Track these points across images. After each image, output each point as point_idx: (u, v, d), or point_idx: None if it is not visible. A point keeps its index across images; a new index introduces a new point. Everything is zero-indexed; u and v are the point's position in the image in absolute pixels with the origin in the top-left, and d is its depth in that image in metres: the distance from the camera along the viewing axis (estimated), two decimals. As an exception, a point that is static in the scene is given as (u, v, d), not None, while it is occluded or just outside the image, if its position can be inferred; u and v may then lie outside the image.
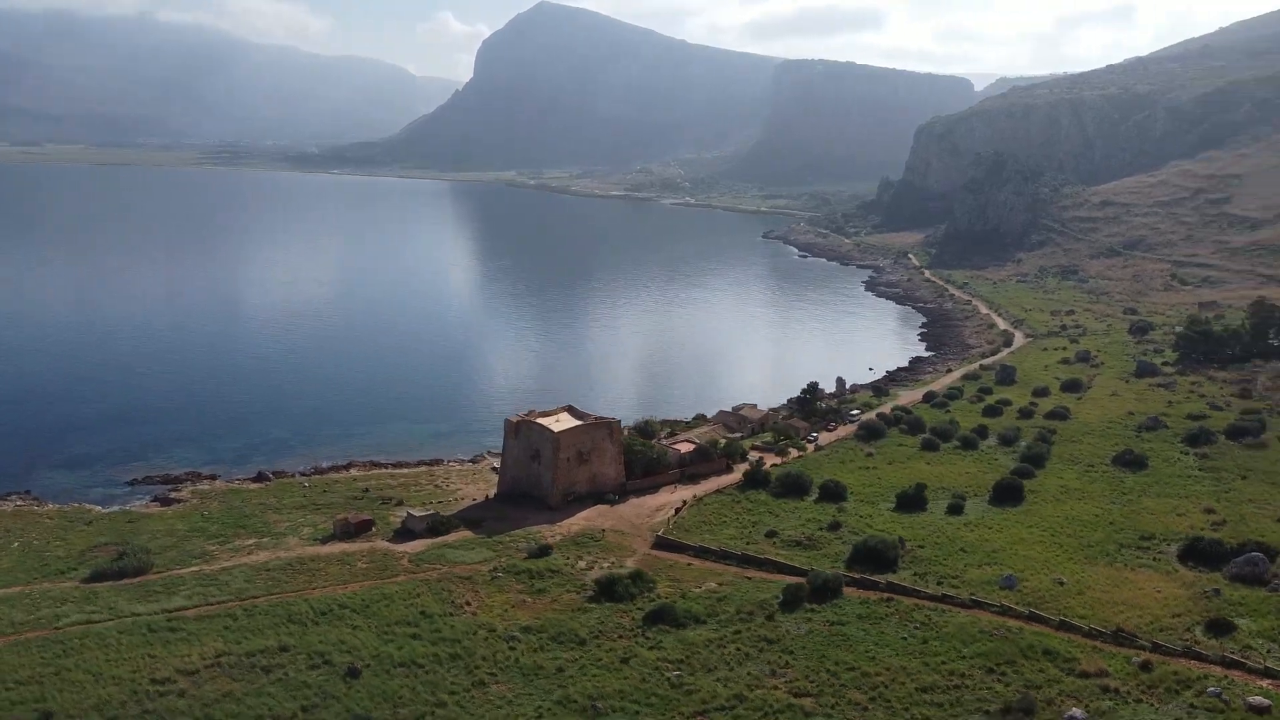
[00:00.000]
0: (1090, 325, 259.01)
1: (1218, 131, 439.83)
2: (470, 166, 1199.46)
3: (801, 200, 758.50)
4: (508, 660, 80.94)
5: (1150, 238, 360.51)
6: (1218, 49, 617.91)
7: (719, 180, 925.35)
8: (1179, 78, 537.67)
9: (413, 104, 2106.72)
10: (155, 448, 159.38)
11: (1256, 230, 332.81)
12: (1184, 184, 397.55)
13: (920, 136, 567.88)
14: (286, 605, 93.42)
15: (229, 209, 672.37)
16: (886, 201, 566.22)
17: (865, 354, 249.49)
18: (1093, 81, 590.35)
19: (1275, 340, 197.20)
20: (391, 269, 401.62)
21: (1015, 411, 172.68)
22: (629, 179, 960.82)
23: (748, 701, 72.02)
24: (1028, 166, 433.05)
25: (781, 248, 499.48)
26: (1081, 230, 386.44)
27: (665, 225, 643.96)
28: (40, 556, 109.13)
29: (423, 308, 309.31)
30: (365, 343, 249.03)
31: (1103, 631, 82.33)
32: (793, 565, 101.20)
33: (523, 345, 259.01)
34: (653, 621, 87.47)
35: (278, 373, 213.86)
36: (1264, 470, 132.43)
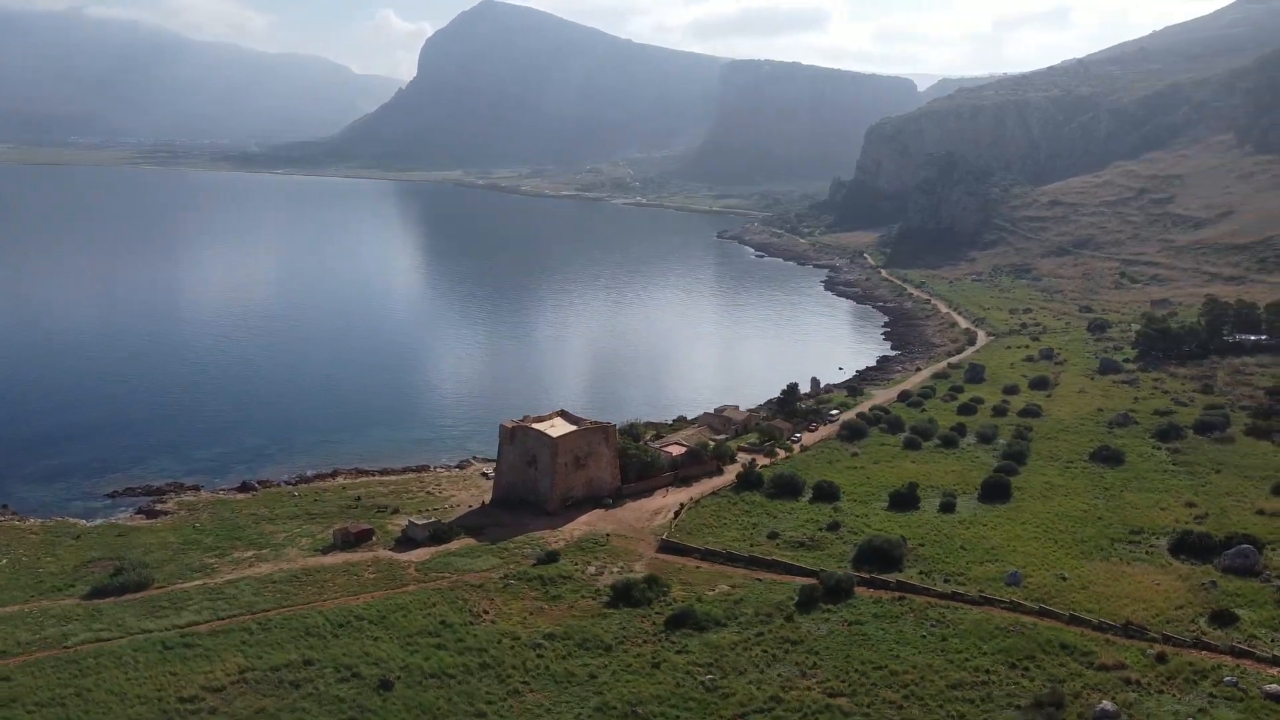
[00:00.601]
0: (1049, 323, 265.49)
1: (1159, 133, 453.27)
2: (416, 166, 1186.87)
3: (752, 200, 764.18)
4: (538, 668, 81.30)
5: (1098, 237, 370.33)
6: (1154, 52, 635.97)
7: (669, 180, 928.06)
8: (1119, 80, 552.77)
9: (354, 102, 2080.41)
10: (131, 459, 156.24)
11: (1200, 229, 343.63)
12: (1128, 184, 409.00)
13: (871, 137, 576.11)
14: (301, 618, 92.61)
15: (174, 210, 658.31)
16: (839, 201, 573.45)
17: (833, 354, 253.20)
18: (1036, 83, 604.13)
19: (1229, 337, 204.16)
20: (348, 272, 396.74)
21: (989, 410, 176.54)
22: (579, 179, 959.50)
23: (785, 703, 73.35)
24: (978, 167, 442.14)
25: (737, 248, 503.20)
26: (1032, 230, 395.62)
27: (620, 226, 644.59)
28: (33, 573, 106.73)
29: (385, 311, 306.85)
30: (329, 347, 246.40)
31: (1113, 625, 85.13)
32: (803, 567, 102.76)
33: (492, 349, 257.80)
34: (675, 625, 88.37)
35: (246, 380, 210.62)
36: (1235, 464, 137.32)
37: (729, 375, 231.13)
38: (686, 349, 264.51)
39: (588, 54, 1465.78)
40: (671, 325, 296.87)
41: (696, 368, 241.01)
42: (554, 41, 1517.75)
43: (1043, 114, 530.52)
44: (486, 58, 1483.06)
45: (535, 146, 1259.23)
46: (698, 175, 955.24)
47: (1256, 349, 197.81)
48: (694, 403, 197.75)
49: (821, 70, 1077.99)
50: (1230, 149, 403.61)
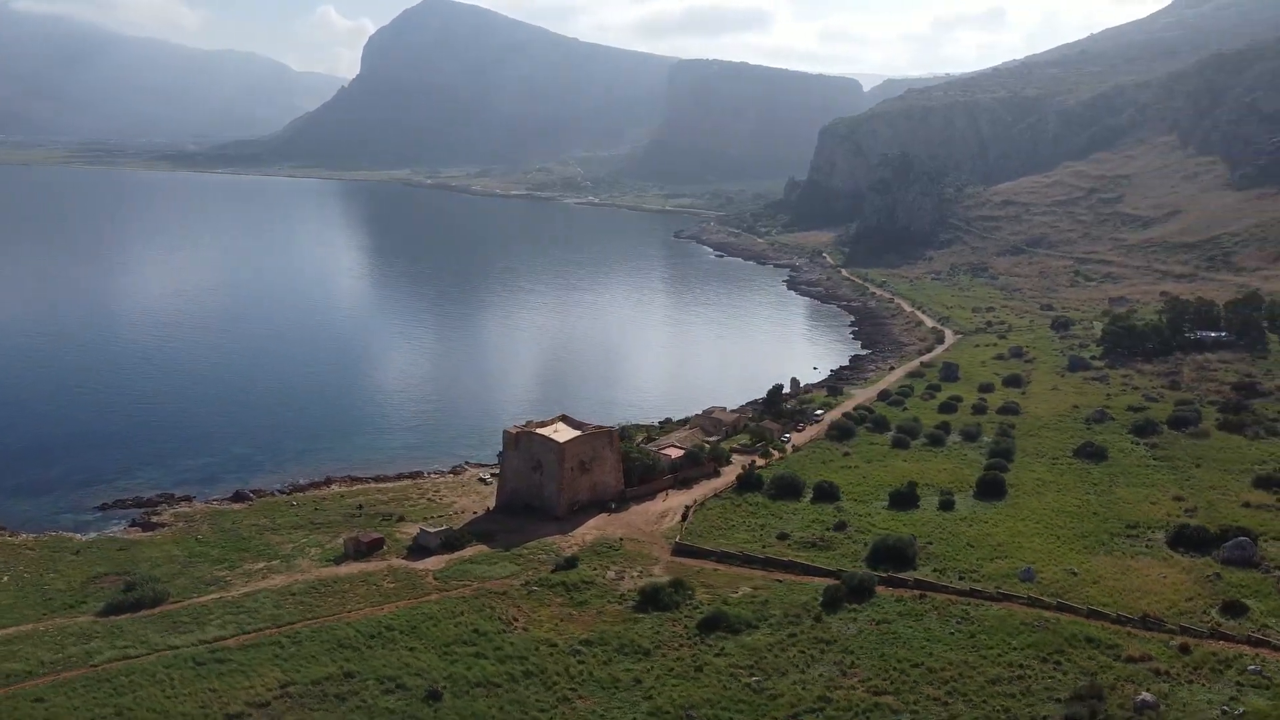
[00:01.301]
0: (1012, 322, 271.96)
1: (1105, 134, 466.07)
2: (362, 165, 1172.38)
3: (704, 199, 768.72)
4: (581, 674, 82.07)
5: (1051, 236, 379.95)
6: (1094, 55, 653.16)
7: (619, 179, 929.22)
8: (1064, 82, 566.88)
9: (294, 100, 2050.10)
10: (116, 470, 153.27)
11: (1149, 228, 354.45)
12: (1077, 184, 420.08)
13: (824, 137, 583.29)
14: (330, 630, 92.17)
15: (115, 210, 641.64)
16: (794, 201, 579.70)
17: (805, 354, 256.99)
18: (983, 85, 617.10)
19: (1190, 334, 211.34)
20: (311, 275, 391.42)
21: (969, 408, 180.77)
22: (529, 178, 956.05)
23: (834, 703, 75.07)
24: (933, 167, 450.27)
25: (696, 247, 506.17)
26: (986, 229, 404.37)
27: (576, 226, 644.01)
28: (39, 590, 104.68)
29: (355, 315, 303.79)
30: (301, 352, 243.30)
31: (1131, 618, 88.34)
32: (821, 567, 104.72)
33: (470, 353, 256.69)
34: (708, 628, 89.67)
35: (222, 387, 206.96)
36: (1214, 459, 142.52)
37: (706, 377, 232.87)
38: (660, 351, 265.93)
39: (534, 53, 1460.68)
40: (642, 327, 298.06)
41: (673, 369, 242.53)
42: (500, 40, 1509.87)
43: (991, 115, 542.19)
44: (431, 55, 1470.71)
45: (482, 145, 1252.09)
46: (647, 174, 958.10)
47: (1217, 345, 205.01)
48: (675, 405, 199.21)
49: (769, 70, 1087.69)
50: (1174, 150, 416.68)
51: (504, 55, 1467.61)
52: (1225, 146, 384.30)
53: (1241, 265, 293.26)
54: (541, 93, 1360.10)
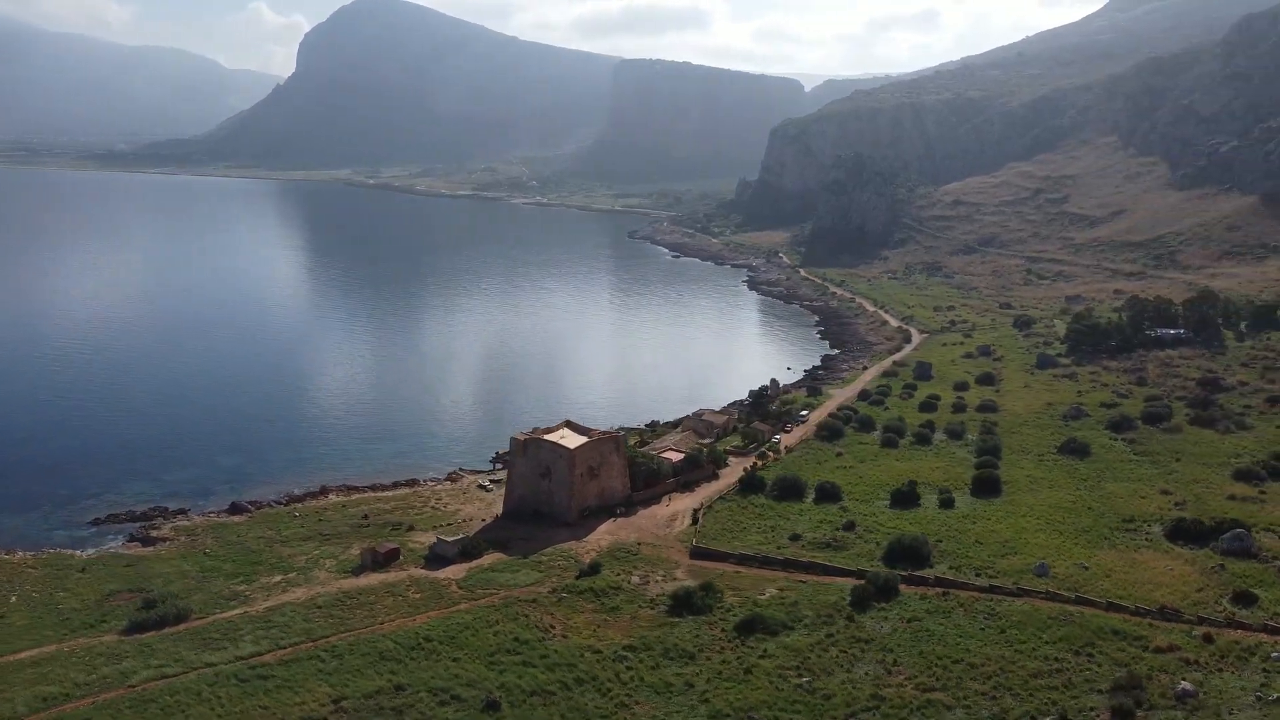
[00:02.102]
0: (975, 320, 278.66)
1: (1048, 135, 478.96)
2: (299, 164, 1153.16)
3: (652, 199, 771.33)
4: (633, 680, 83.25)
5: (1002, 235, 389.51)
6: (1031, 57, 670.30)
7: (565, 179, 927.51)
8: (1005, 84, 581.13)
9: (226, 98, 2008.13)
10: (103, 484, 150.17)
11: (1095, 227, 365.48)
12: (1024, 184, 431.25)
13: (774, 138, 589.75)
14: (368, 642, 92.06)
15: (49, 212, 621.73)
16: (746, 201, 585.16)
17: (777, 354, 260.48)
18: (926, 86, 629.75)
19: (1150, 332, 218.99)
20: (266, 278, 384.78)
21: (949, 406, 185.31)
22: (474, 178, 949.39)
23: (887, 701, 77.34)
24: (885, 168, 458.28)
25: (651, 248, 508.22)
26: (938, 229, 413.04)
27: (528, 226, 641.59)
28: (53, 610, 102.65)
29: (323, 321, 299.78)
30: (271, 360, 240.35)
31: (1149, 610, 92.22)
32: (842, 568, 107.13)
33: (441, 359, 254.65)
34: (746, 631, 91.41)
35: (198, 396, 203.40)
36: (1191, 453, 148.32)
37: (683, 379, 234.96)
38: (633, 354, 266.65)
39: (475, 51, 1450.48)
40: (611, 330, 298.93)
41: (648, 372, 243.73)
42: (439, 38, 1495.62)
43: (937, 116, 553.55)
44: (369, 53, 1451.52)
45: (424, 145, 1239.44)
46: (593, 174, 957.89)
47: (1176, 342, 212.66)
48: (656, 407, 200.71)
49: (712, 70, 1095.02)
50: (1116, 150, 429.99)
51: (444, 53, 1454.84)
52: (1165, 148, 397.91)
53: (1187, 263, 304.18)
54: (483, 92, 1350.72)
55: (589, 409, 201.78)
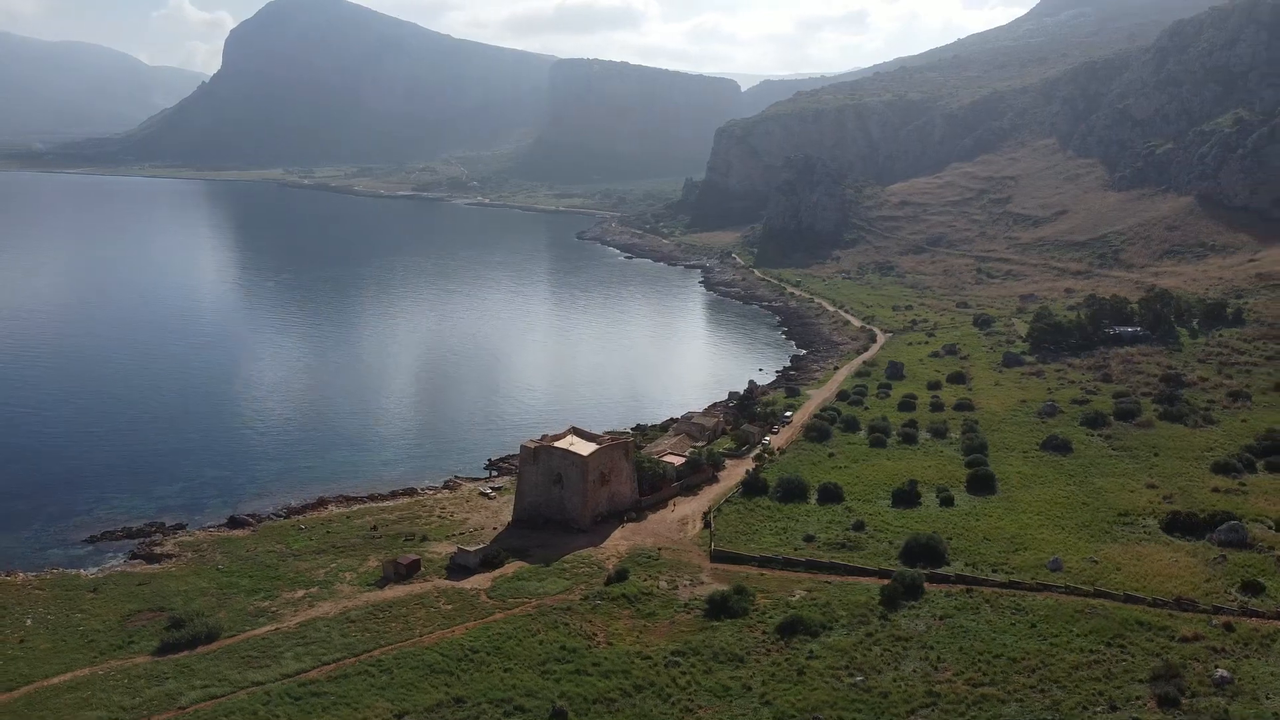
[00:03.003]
0: (934, 319, 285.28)
1: (989, 136, 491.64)
2: (229, 164, 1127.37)
3: (595, 199, 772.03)
4: (689, 684, 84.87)
5: (950, 235, 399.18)
6: (966, 60, 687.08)
7: (506, 179, 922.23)
8: (944, 86, 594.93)
9: (147, 96, 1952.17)
10: (90, 500, 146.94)
11: (1039, 227, 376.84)
12: (968, 185, 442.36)
13: (720, 138, 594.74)
14: (414, 655, 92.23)
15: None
16: (693, 201, 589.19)
17: (746, 355, 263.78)
18: (867, 88, 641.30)
19: (1109, 329, 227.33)
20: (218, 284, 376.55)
21: (927, 405, 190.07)
22: (413, 178, 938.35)
23: (943, 698, 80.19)
24: (834, 169, 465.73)
25: (602, 249, 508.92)
26: (887, 229, 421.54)
27: (474, 227, 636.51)
28: (75, 632, 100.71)
29: (285, 328, 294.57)
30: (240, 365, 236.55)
31: (1165, 601, 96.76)
32: (865, 568, 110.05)
33: (413, 365, 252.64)
34: (788, 632, 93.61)
35: (172, 407, 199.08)
36: (1168, 448, 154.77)
37: (657, 382, 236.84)
38: (604, 357, 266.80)
39: (408, 49, 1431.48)
40: (579, 334, 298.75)
41: (622, 376, 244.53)
42: (371, 35, 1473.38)
43: (880, 118, 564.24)
44: (299, 51, 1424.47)
45: (358, 144, 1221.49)
46: (533, 174, 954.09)
47: (1134, 340, 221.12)
48: (635, 411, 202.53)
49: (650, 70, 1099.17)
50: (1054, 152, 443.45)
51: (376, 51, 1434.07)
52: (1102, 149, 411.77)
53: (1131, 262, 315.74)
54: (418, 90, 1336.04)
55: (567, 414, 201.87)
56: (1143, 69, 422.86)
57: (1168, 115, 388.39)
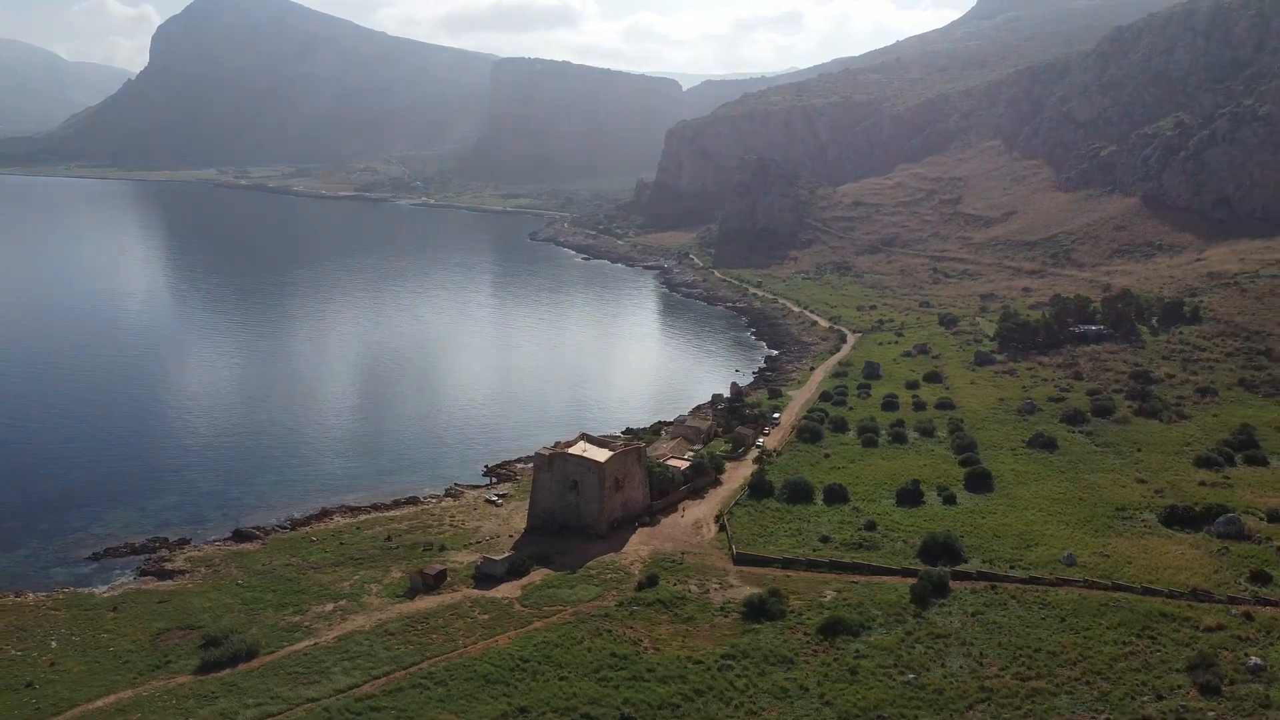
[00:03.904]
0: (900, 319, 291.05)
1: (936, 138, 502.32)
2: (158, 164, 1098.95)
3: (542, 199, 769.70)
4: (747, 686, 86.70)
5: (903, 235, 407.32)
6: (908, 62, 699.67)
7: (449, 179, 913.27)
8: (889, 88, 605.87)
9: (67, 93, 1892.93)
10: (85, 516, 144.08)
11: (991, 227, 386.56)
12: (918, 185, 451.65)
13: (671, 139, 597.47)
14: (464, 666, 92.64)
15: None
16: (645, 202, 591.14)
17: (721, 356, 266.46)
18: (814, 89, 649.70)
19: (1075, 328, 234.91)
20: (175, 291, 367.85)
21: (910, 405, 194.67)
22: (355, 178, 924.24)
23: (996, 693, 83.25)
24: (788, 170, 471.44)
25: (557, 250, 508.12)
26: (842, 229, 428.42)
27: (423, 228, 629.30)
28: (106, 653, 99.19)
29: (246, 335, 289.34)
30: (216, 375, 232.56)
31: (1181, 593, 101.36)
32: (889, 567, 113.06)
33: (388, 371, 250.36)
34: (830, 633, 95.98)
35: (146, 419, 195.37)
36: (1149, 443, 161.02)
37: (637, 385, 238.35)
38: (580, 361, 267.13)
39: (342, 46, 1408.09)
40: (550, 337, 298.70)
41: (601, 379, 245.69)
42: (303, 32, 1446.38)
43: (828, 119, 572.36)
44: (229, 47, 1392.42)
45: (293, 143, 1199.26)
46: (476, 174, 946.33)
47: (1099, 338, 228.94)
48: (620, 415, 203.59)
49: (593, 70, 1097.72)
50: (1001, 154, 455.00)
51: (308, 48, 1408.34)
52: (1048, 151, 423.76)
53: (1082, 261, 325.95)
54: (354, 88, 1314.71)
55: (553, 419, 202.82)
56: (1084, 73, 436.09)
57: (1110, 118, 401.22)
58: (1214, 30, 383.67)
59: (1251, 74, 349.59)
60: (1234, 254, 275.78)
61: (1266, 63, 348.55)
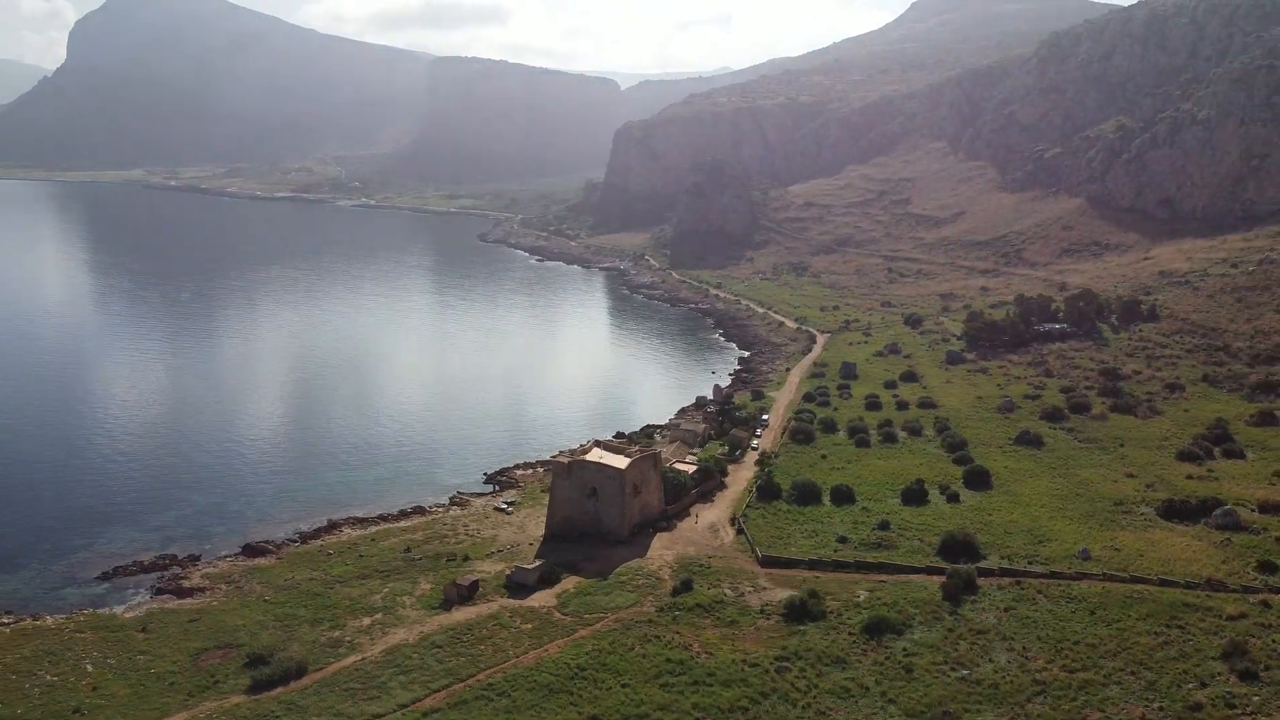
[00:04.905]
0: (864, 319, 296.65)
1: (882, 140, 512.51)
2: (80, 164, 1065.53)
3: (486, 200, 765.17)
4: (810, 687, 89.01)
5: (856, 235, 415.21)
6: (849, 64, 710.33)
7: (388, 179, 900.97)
8: (832, 90, 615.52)
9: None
10: (85, 535, 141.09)
11: (941, 227, 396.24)
12: (867, 186, 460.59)
13: (619, 140, 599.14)
14: (523, 676, 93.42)
15: None
16: (595, 203, 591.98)
17: (695, 358, 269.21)
18: (758, 90, 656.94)
19: (1039, 327, 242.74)
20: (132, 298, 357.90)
21: (893, 404, 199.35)
22: (291, 178, 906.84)
23: (1050, 686, 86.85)
24: (741, 171, 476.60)
25: (508, 252, 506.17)
26: (795, 230, 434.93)
27: (369, 230, 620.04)
28: (148, 675, 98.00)
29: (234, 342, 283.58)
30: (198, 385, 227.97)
31: (1197, 583, 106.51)
32: (914, 565, 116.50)
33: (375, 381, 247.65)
34: (876, 632, 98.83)
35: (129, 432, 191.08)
36: (1130, 438, 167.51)
37: (619, 389, 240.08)
38: (559, 366, 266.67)
39: (272, 44, 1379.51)
40: (521, 341, 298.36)
41: (583, 384, 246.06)
42: (231, 29, 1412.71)
43: (775, 120, 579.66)
44: (153, 44, 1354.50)
45: (224, 143, 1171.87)
46: (414, 174, 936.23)
47: (1063, 336, 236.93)
48: (608, 419, 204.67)
49: (531, 69, 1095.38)
50: (946, 155, 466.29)
51: (236, 46, 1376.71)
52: (991, 153, 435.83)
53: (1034, 260, 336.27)
54: (285, 87, 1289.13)
55: (542, 424, 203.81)
56: (1025, 76, 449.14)
57: (1052, 121, 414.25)
58: (1150, 36, 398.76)
59: (1187, 79, 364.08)
60: (1180, 253, 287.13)
61: (1201, 68, 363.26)
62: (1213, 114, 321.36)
